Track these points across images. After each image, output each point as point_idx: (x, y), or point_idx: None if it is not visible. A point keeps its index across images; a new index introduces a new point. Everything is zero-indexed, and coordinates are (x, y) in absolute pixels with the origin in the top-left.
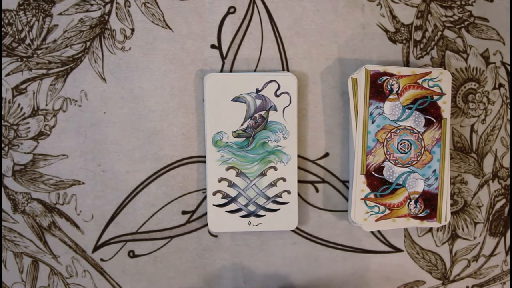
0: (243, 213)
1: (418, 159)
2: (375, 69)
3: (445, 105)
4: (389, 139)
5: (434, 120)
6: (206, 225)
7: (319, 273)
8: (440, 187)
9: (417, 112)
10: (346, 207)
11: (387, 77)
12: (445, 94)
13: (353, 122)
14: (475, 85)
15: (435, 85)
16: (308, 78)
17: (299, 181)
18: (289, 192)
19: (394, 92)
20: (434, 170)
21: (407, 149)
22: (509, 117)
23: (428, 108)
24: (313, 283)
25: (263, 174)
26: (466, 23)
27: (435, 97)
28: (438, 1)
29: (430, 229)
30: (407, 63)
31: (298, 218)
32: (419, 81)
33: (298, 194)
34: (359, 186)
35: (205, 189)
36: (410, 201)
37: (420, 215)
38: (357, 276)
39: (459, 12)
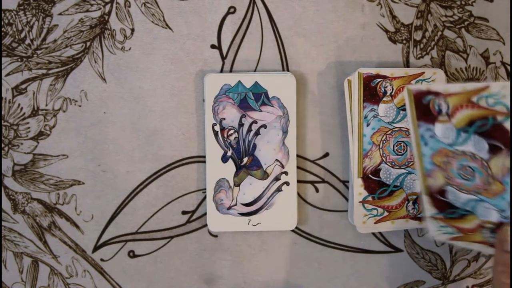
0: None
1: (487, 188)
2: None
3: None
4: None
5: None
6: (206, 225)
7: (319, 273)
8: None
9: (477, 137)
10: (346, 207)
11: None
12: None
13: (349, 125)
14: None
15: (498, 103)
16: (308, 78)
17: (299, 181)
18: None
19: (388, 94)
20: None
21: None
22: None
23: (491, 132)
24: (313, 283)
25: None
26: (466, 23)
27: (499, 118)
28: (438, 1)
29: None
30: (407, 63)
31: (298, 218)
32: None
33: (298, 194)
34: (356, 189)
35: (205, 189)
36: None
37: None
38: (357, 276)
39: (459, 12)
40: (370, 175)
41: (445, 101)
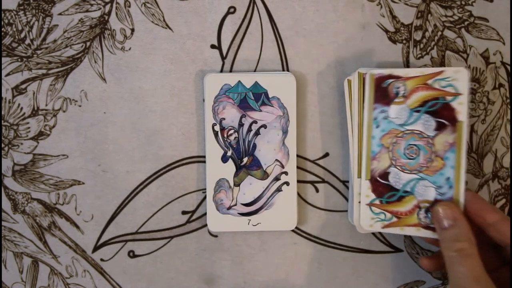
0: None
1: (428, 165)
2: (380, 72)
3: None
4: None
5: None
6: (206, 225)
7: (319, 273)
8: (456, 197)
9: (427, 115)
10: (346, 207)
11: (392, 80)
12: (461, 94)
13: (349, 125)
14: (475, 85)
15: (449, 85)
16: (308, 78)
17: (299, 181)
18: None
19: (401, 95)
20: (448, 178)
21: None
22: (509, 117)
23: (440, 111)
24: (313, 283)
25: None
26: (466, 23)
27: (448, 98)
28: (438, 1)
29: None
30: (407, 63)
31: (298, 218)
32: (429, 81)
33: (298, 194)
34: (356, 189)
35: (205, 189)
36: (420, 210)
37: (432, 225)
38: (357, 276)
39: (459, 12)
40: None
41: (404, 84)
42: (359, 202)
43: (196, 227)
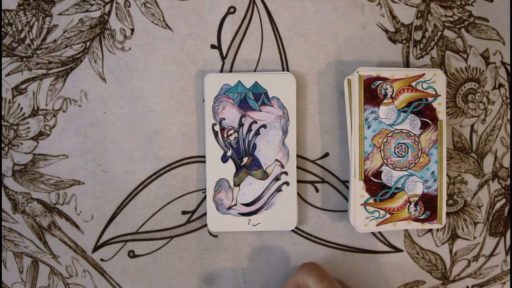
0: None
1: (416, 161)
2: (368, 74)
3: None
4: (386, 144)
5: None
6: (206, 225)
7: None
8: (439, 189)
9: (412, 115)
10: (346, 207)
11: (381, 82)
12: (439, 95)
13: (349, 124)
14: (475, 85)
15: (429, 87)
16: (308, 78)
17: (298, 181)
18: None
19: (389, 96)
20: (433, 172)
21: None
22: (509, 117)
23: (423, 111)
24: None
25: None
26: (466, 23)
27: (430, 99)
28: (438, 1)
29: (430, 229)
30: (407, 63)
31: (298, 218)
32: (413, 83)
33: (298, 194)
34: (353, 190)
35: (205, 189)
36: (410, 204)
37: (421, 217)
38: (357, 276)
39: (459, 12)
40: (371, 178)
41: (391, 86)
42: (355, 202)
43: (196, 227)
